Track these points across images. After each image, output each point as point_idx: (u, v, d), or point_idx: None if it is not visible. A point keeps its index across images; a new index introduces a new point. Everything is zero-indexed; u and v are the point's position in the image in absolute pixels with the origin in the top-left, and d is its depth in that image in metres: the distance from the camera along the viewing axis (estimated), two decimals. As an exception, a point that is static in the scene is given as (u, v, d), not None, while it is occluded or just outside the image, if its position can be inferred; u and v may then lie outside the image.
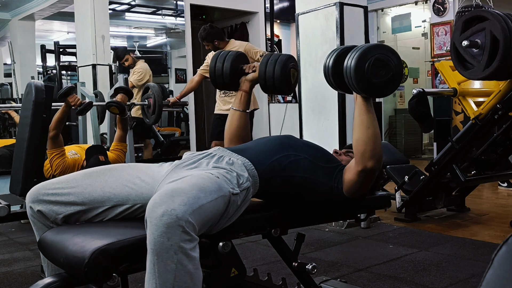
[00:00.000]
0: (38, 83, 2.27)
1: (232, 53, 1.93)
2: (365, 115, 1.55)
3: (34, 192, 1.45)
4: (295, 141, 1.69)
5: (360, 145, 1.53)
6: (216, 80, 1.93)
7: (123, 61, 5.49)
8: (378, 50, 1.52)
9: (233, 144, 1.87)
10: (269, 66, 1.83)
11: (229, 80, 1.91)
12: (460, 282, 2.39)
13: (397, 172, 3.67)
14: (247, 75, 1.91)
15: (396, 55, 1.56)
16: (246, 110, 1.92)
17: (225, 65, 1.89)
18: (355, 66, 1.49)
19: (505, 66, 2.57)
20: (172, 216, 1.18)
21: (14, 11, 8.82)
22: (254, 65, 1.92)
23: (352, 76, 1.50)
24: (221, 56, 1.92)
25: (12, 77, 7.54)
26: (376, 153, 1.53)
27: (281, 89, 1.86)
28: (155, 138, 5.95)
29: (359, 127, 1.55)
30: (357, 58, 1.49)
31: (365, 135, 1.53)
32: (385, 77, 1.52)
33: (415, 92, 3.39)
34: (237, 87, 1.93)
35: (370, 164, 1.53)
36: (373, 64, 1.49)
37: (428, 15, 7.97)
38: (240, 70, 1.93)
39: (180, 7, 7.34)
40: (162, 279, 1.19)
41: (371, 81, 1.50)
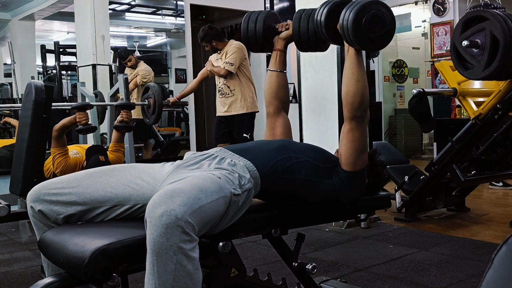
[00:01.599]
0: (38, 83, 2.27)
1: (264, 12, 1.92)
2: (356, 68, 1.59)
3: (35, 192, 1.45)
4: (294, 144, 1.70)
5: (350, 97, 1.58)
6: (249, 40, 1.91)
7: (126, 61, 5.49)
8: (375, 6, 1.57)
9: (273, 106, 1.89)
10: (303, 22, 1.83)
11: (262, 40, 1.89)
12: (460, 282, 2.39)
13: (397, 172, 3.67)
14: (280, 34, 1.90)
15: (390, 11, 1.61)
16: (283, 70, 1.92)
17: (257, 25, 1.88)
18: (353, 20, 1.53)
19: (505, 66, 2.57)
20: (171, 216, 1.18)
21: (14, 11, 8.82)
22: (287, 23, 1.90)
23: (349, 30, 1.55)
24: (252, 17, 1.90)
25: (12, 77, 7.54)
26: (364, 104, 1.59)
27: (316, 44, 1.85)
28: (155, 138, 5.95)
29: (349, 79, 1.59)
30: (355, 12, 1.54)
31: (355, 88, 1.58)
32: (380, 32, 1.57)
33: (415, 92, 3.39)
34: (271, 48, 1.92)
35: (358, 113, 1.58)
36: (370, 19, 1.54)
37: (428, 15, 7.97)
38: (273, 29, 1.91)
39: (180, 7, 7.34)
40: (162, 279, 1.19)
41: (367, 35, 1.56)
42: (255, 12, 1.93)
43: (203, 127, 6.68)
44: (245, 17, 1.92)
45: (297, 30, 1.84)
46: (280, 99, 1.91)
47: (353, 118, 1.59)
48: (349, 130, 1.60)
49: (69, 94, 8.09)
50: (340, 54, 3.54)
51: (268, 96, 1.91)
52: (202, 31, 4.34)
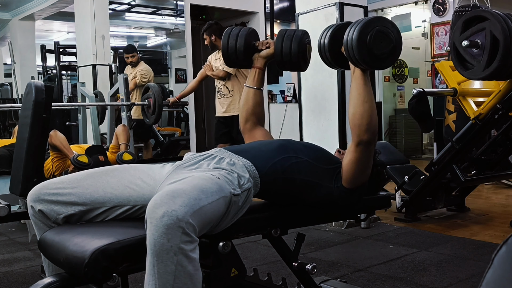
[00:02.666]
0: (38, 83, 2.27)
1: (245, 29, 1.91)
2: (362, 89, 1.55)
3: (35, 191, 1.45)
4: (294, 143, 1.69)
5: (357, 119, 1.54)
6: (229, 57, 1.90)
7: (130, 55, 5.50)
8: (379, 22, 1.54)
9: (248, 123, 1.88)
10: (286, 41, 1.82)
11: (242, 57, 1.89)
12: (460, 282, 2.38)
13: (397, 172, 3.67)
14: (260, 52, 1.89)
15: (395, 27, 1.58)
16: (260, 88, 1.91)
17: (238, 42, 1.87)
18: (357, 38, 1.50)
19: (505, 66, 2.57)
20: (172, 217, 1.18)
21: (14, 11, 8.82)
22: (267, 41, 1.90)
23: (354, 48, 1.51)
24: (233, 33, 1.89)
25: (12, 77, 7.54)
26: (372, 126, 1.55)
27: (298, 64, 1.85)
28: (155, 138, 5.95)
29: (356, 101, 1.55)
30: (359, 30, 1.51)
31: (362, 109, 1.54)
32: (386, 49, 1.54)
33: (415, 92, 3.39)
34: (250, 64, 1.91)
35: (366, 137, 1.54)
36: (375, 36, 1.51)
37: (428, 15, 7.96)
38: (253, 47, 1.91)
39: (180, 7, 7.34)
40: (162, 280, 1.19)
41: (373, 52, 1.52)
42: (236, 28, 1.92)
43: (203, 127, 6.67)
44: (225, 32, 1.91)
45: (280, 50, 1.83)
46: (256, 115, 1.90)
47: (360, 142, 1.55)
48: (354, 151, 1.57)
49: (69, 94, 8.09)
50: (340, 54, 3.54)
51: (244, 112, 1.90)
52: (207, 23, 4.42)
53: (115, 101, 5.06)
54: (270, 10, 6.74)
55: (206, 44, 4.44)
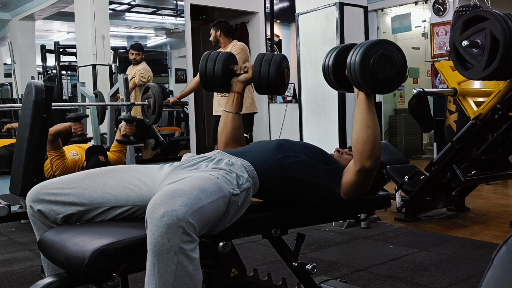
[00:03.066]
0: (38, 83, 2.27)
1: (223, 54, 1.90)
2: (365, 114, 1.52)
3: (35, 191, 1.45)
4: (293, 143, 1.69)
5: (360, 144, 1.52)
6: (207, 81, 1.89)
7: (136, 53, 5.52)
8: (383, 46, 1.51)
9: (228, 146, 1.86)
10: (264, 66, 1.81)
11: (220, 81, 1.87)
12: (460, 282, 2.38)
13: (397, 172, 3.67)
14: (239, 76, 1.89)
15: (400, 50, 1.54)
16: (239, 112, 1.90)
17: (216, 66, 1.86)
18: (360, 61, 1.47)
19: (505, 66, 2.57)
20: (172, 217, 1.18)
21: (14, 11, 8.82)
22: (245, 66, 1.90)
23: (356, 72, 1.48)
24: (211, 57, 1.88)
25: (12, 77, 7.54)
26: (375, 152, 1.52)
27: (276, 88, 1.85)
28: (155, 138, 5.95)
29: (359, 125, 1.53)
30: (362, 53, 1.48)
31: (365, 134, 1.51)
32: (390, 73, 1.50)
33: (415, 92, 3.39)
34: (228, 89, 1.91)
35: (368, 164, 1.52)
36: (378, 59, 1.48)
37: (428, 15, 7.97)
38: (231, 71, 1.90)
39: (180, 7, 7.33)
40: (162, 280, 1.19)
41: (376, 76, 1.49)
42: (214, 52, 1.92)
43: (203, 127, 6.67)
44: (203, 56, 1.91)
45: (258, 74, 1.82)
46: (235, 138, 1.89)
47: (362, 169, 1.53)
48: (355, 175, 1.55)
49: (69, 94, 8.09)
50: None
51: (224, 136, 1.89)
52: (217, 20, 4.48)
53: (115, 101, 5.06)
54: (270, 10, 6.74)
55: (211, 40, 4.46)
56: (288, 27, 9.24)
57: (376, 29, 8.54)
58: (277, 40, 8.47)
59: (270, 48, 6.55)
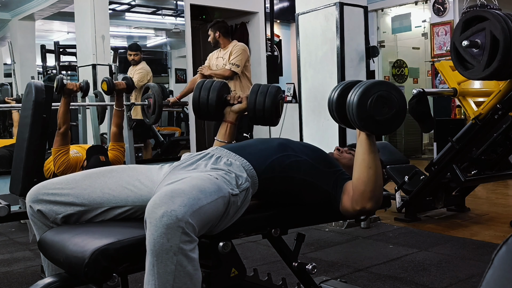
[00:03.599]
0: (38, 83, 2.27)
1: (217, 83, 1.90)
2: (367, 154, 1.50)
3: (34, 191, 1.45)
4: (294, 143, 1.68)
5: (360, 184, 1.50)
6: (200, 110, 1.88)
7: (133, 53, 5.53)
8: (381, 87, 1.48)
9: None
10: (259, 97, 1.82)
11: (214, 111, 1.87)
12: (460, 282, 2.39)
13: (397, 172, 3.67)
14: (232, 106, 1.88)
15: (398, 91, 1.50)
16: (232, 142, 1.89)
17: (210, 96, 1.85)
18: (357, 103, 1.45)
19: (505, 66, 2.57)
20: (172, 217, 1.18)
21: (14, 11, 8.82)
22: (239, 96, 1.90)
23: (354, 113, 1.47)
24: (205, 86, 1.88)
25: (12, 77, 7.54)
26: (376, 194, 1.50)
27: (270, 120, 1.86)
28: (155, 138, 5.95)
29: (360, 166, 1.51)
30: (359, 95, 1.45)
31: (366, 175, 1.49)
32: (388, 114, 1.47)
33: (415, 92, 3.38)
34: (221, 118, 1.90)
35: (368, 206, 1.50)
36: (376, 101, 1.45)
37: (428, 15, 7.97)
38: (224, 100, 1.90)
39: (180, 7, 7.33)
40: (162, 280, 1.19)
41: (374, 118, 1.46)
42: (208, 81, 1.92)
43: (203, 127, 6.67)
44: (196, 85, 1.90)
45: (253, 106, 1.83)
46: None
47: (362, 210, 1.51)
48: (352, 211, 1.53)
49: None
50: (340, 54, 3.55)
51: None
52: (214, 20, 4.46)
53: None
54: (270, 10, 6.74)
55: (209, 40, 4.45)
56: (288, 27, 9.25)
57: (376, 29, 8.54)
58: (277, 40, 8.48)
59: (270, 48, 6.55)
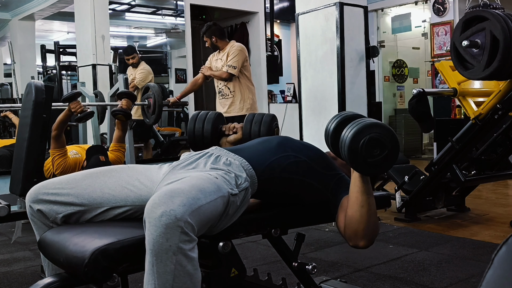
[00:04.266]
0: (38, 83, 2.27)
1: (211, 114, 1.91)
2: (360, 193, 1.48)
3: (34, 191, 1.45)
4: (293, 142, 1.67)
5: (354, 223, 1.48)
6: (195, 141, 1.89)
7: (130, 57, 5.51)
8: (372, 129, 1.44)
9: None
10: (254, 127, 1.84)
11: (209, 141, 1.87)
12: (460, 282, 2.39)
13: (397, 172, 3.67)
14: (228, 137, 1.89)
15: (390, 132, 1.47)
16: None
17: (205, 127, 1.87)
18: (348, 146, 1.43)
19: (505, 66, 2.58)
20: (171, 216, 1.18)
21: (14, 11, 8.83)
22: (234, 126, 1.90)
23: (346, 155, 1.45)
24: (200, 118, 1.89)
25: (12, 77, 7.54)
26: (369, 232, 1.48)
27: None
28: (155, 138, 5.95)
29: (353, 203, 1.48)
30: (351, 137, 1.43)
31: (359, 214, 1.47)
32: (379, 156, 1.44)
33: (415, 92, 3.39)
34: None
35: (361, 244, 1.49)
36: (367, 143, 1.42)
37: (428, 15, 7.97)
38: (220, 131, 1.90)
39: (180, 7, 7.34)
40: (161, 280, 1.19)
41: (365, 161, 1.44)
42: (203, 112, 1.92)
43: (203, 127, 6.68)
44: (192, 117, 1.91)
45: (248, 135, 1.83)
46: None
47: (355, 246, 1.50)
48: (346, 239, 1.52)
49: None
50: (340, 54, 3.55)
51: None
52: (206, 25, 4.40)
53: (115, 101, 5.06)
54: (270, 10, 6.75)
55: (207, 46, 4.44)
56: (288, 27, 9.26)
57: (376, 29, 8.54)
58: (277, 40, 8.48)
59: (270, 48, 6.55)
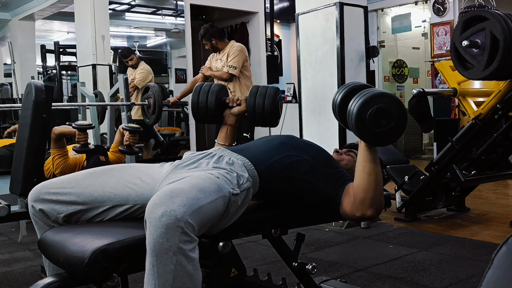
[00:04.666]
0: (38, 83, 2.27)
1: (215, 86, 1.90)
2: (367, 161, 1.49)
3: (36, 191, 1.46)
4: (296, 141, 1.67)
5: (361, 191, 1.49)
6: (199, 114, 1.88)
7: (128, 59, 5.50)
8: (381, 99, 1.46)
9: None
10: (258, 100, 1.83)
11: (213, 114, 1.87)
12: (460, 282, 2.39)
13: (397, 172, 3.67)
14: (232, 109, 1.88)
15: (399, 103, 1.48)
16: (232, 144, 1.88)
17: (209, 99, 1.86)
18: (355, 116, 1.44)
19: (505, 66, 2.57)
20: (171, 217, 1.18)
21: (14, 11, 8.83)
22: (237, 98, 1.89)
23: (353, 125, 1.47)
24: (203, 90, 1.88)
25: (12, 77, 7.54)
26: (376, 201, 1.50)
27: (270, 120, 1.87)
28: (155, 138, 5.95)
29: (361, 172, 1.50)
30: (359, 107, 1.44)
31: (366, 182, 1.49)
32: (387, 127, 1.45)
33: (415, 92, 3.38)
34: (220, 121, 1.90)
35: (369, 213, 1.50)
36: (375, 114, 1.43)
37: (428, 15, 7.97)
38: (224, 103, 1.90)
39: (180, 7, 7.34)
40: (161, 280, 1.19)
41: (373, 131, 1.45)
42: (206, 84, 1.92)
43: (203, 127, 6.67)
44: (195, 89, 1.91)
45: (252, 108, 1.83)
46: None
47: (362, 216, 1.51)
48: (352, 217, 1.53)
49: (69, 94, 8.09)
50: (340, 54, 3.55)
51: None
52: (203, 29, 4.37)
53: (115, 101, 5.06)
54: (270, 10, 6.74)
55: (207, 48, 4.44)
56: (288, 27, 9.25)
57: (376, 29, 8.54)
58: (277, 40, 8.48)
59: (270, 48, 6.54)
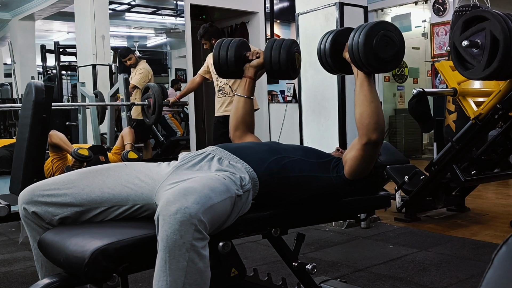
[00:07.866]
0: (38, 83, 2.27)
1: (235, 40, 1.95)
2: (368, 91, 1.60)
3: (28, 193, 1.42)
4: (281, 145, 1.72)
5: (365, 118, 1.58)
6: (221, 68, 1.95)
7: (126, 59, 5.50)
8: (384, 26, 1.60)
9: (238, 130, 1.93)
10: (274, 51, 1.86)
11: (234, 67, 1.93)
12: (460, 282, 2.39)
13: (397, 172, 3.67)
14: (251, 62, 1.93)
15: (398, 31, 1.63)
16: (251, 96, 1.95)
17: (229, 53, 1.91)
18: (364, 42, 1.56)
19: (505, 66, 2.57)
20: (185, 214, 1.19)
21: (14, 11, 8.83)
22: (257, 51, 1.94)
23: (360, 52, 1.57)
24: (224, 44, 1.94)
25: (12, 77, 7.54)
26: (380, 125, 1.59)
27: (287, 73, 1.89)
28: (155, 138, 5.95)
29: (362, 101, 1.60)
30: (366, 33, 1.56)
31: (369, 109, 1.58)
32: (390, 52, 1.59)
33: (415, 92, 3.39)
34: (241, 75, 1.96)
35: (374, 136, 1.57)
36: (380, 39, 1.57)
37: (428, 15, 7.97)
38: (244, 57, 1.95)
39: (180, 7, 7.35)
40: (173, 276, 1.19)
41: (379, 56, 1.57)
42: (227, 39, 1.97)
43: (203, 127, 6.67)
44: (216, 44, 1.96)
45: (269, 59, 1.87)
46: (246, 123, 1.95)
47: (369, 142, 1.58)
48: (361, 149, 1.59)
49: (69, 94, 8.09)
50: (340, 54, 3.55)
51: (234, 120, 1.94)
52: (202, 28, 4.38)
53: (115, 101, 5.06)
54: (270, 10, 6.74)
55: (206, 48, 4.44)
56: (288, 27, 9.25)
57: (376, 29, 8.53)
58: (277, 40, 8.46)
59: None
